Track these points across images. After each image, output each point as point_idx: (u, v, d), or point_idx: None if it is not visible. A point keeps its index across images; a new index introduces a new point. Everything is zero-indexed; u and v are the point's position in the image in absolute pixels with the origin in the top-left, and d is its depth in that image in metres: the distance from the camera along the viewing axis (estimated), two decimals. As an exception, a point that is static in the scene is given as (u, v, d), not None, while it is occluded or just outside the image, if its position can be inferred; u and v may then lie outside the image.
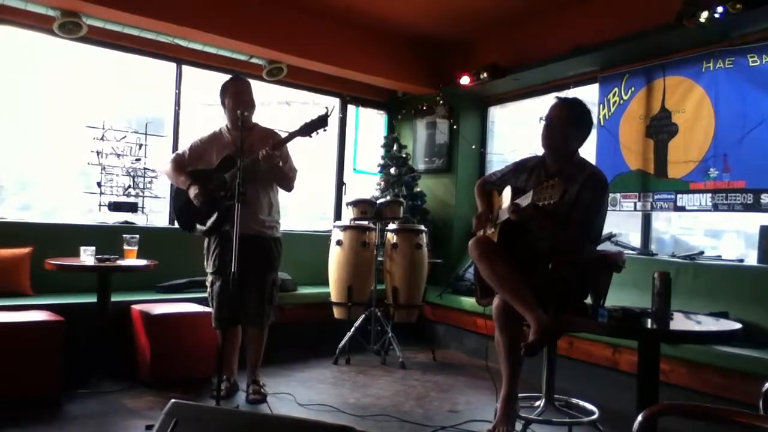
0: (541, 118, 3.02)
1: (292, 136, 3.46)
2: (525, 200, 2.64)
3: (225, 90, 3.68)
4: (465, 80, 5.54)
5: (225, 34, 4.83)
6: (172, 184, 5.03)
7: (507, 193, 2.94)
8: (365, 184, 6.24)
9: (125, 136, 4.88)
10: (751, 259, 3.99)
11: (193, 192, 3.53)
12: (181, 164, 3.69)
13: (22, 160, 4.69)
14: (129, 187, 4.88)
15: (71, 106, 4.81)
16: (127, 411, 3.37)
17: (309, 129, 3.43)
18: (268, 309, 3.69)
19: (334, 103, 6.28)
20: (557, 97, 3.11)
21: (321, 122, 3.42)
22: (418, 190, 5.99)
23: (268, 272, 3.69)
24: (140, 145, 4.94)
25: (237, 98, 3.60)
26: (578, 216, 2.82)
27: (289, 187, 3.73)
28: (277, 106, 6.04)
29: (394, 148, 6.07)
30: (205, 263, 3.71)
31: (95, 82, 4.95)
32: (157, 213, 5.12)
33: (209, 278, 3.69)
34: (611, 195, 4.74)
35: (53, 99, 4.76)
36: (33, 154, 4.73)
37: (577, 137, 3.01)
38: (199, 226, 3.63)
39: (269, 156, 3.41)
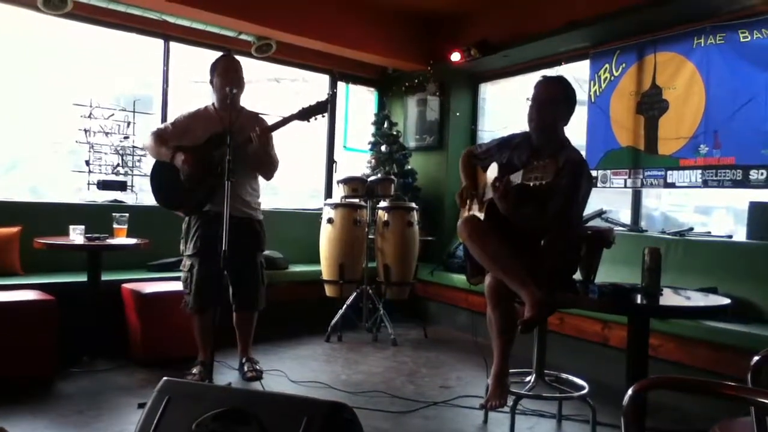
0: (527, 98, 3.00)
1: (289, 119, 3.36)
2: (516, 178, 2.63)
3: (214, 68, 3.59)
4: (455, 57, 5.51)
5: (213, 9, 4.73)
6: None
7: (492, 170, 2.93)
8: (356, 162, 6.21)
9: (113, 114, 4.82)
10: (740, 235, 4.02)
11: (179, 159, 3.38)
12: (163, 138, 3.53)
13: (9, 139, 4.62)
14: (118, 165, 4.84)
15: (58, 83, 4.73)
16: (120, 389, 3.38)
17: (307, 114, 3.34)
18: (263, 292, 3.68)
19: (325, 81, 6.24)
20: (543, 76, 3.09)
21: (320, 108, 3.34)
22: (409, 167, 5.97)
23: (258, 254, 3.67)
24: (128, 123, 4.88)
25: (226, 76, 3.51)
26: (555, 205, 2.80)
27: (269, 176, 3.64)
28: (266, 84, 5.98)
29: (385, 125, 6.02)
30: (183, 246, 3.57)
31: (82, 59, 4.87)
32: (146, 192, 5.05)
33: (187, 261, 3.54)
34: (602, 172, 4.75)
35: (39, 76, 4.68)
36: (20, 132, 4.66)
37: (565, 114, 3.00)
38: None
39: (262, 136, 3.33)
